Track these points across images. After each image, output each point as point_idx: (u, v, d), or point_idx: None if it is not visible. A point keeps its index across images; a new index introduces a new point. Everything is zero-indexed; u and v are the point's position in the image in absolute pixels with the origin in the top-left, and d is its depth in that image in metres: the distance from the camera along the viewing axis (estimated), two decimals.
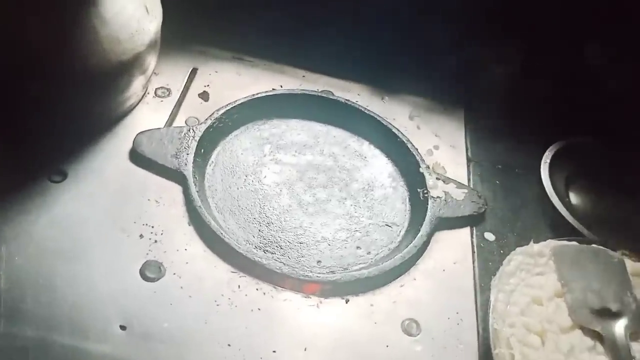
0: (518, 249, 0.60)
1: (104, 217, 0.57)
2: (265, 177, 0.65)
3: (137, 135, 0.63)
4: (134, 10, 0.60)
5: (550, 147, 0.73)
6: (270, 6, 0.80)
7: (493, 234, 0.65)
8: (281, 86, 0.75)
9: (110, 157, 0.62)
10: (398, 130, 0.72)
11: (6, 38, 0.52)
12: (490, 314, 0.55)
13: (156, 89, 0.70)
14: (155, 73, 0.71)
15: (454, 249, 0.62)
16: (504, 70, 0.81)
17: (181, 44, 0.75)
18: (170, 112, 0.68)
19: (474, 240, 0.64)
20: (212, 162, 0.66)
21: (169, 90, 0.70)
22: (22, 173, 0.58)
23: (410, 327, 0.55)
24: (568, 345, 0.53)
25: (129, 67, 0.60)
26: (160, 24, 0.64)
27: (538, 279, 0.58)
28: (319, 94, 0.75)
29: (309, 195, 0.65)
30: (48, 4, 0.53)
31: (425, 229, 0.62)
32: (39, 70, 0.53)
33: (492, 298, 0.56)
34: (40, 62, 0.53)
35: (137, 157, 0.62)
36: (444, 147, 0.73)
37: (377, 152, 0.72)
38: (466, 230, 0.65)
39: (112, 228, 0.56)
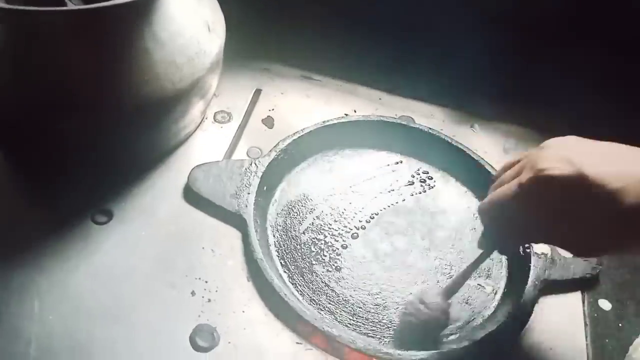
0: None
1: (152, 268, 0.49)
2: (335, 221, 0.56)
3: (192, 169, 0.55)
4: (195, 29, 0.52)
5: None
6: (343, 19, 0.71)
7: (609, 302, 0.54)
8: (355, 111, 0.66)
9: (161, 195, 0.54)
10: (490, 165, 0.61)
11: (50, 69, 0.45)
12: None
13: (215, 113, 0.62)
14: (215, 95, 0.63)
15: (562, 320, 0.51)
16: (614, 91, 0.69)
17: (244, 62, 0.67)
18: (231, 141, 0.60)
19: (586, 309, 0.53)
20: (275, 201, 0.57)
21: (229, 114, 0.63)
22: (63, 212, 0.51)
23: None
24: None
25: (186, 94, 0.52)
26: (223, 43, 0.56)
27: None
28: (398, 121, 0.65)
29: (386, 244, 0.55)
30: (95, 26, 0.45)
31: (528, 294, 0.51)
32: (82, 103, 0.46)
33: None
34: (84, 94, 0.46)
35: (192, 195, 0.54)
36: None
37: (465, 191, 0.61)
38: (576, 297, 0.53)
39: (161, 282, 0.48)
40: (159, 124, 0.52)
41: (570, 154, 0.38)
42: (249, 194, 0.54)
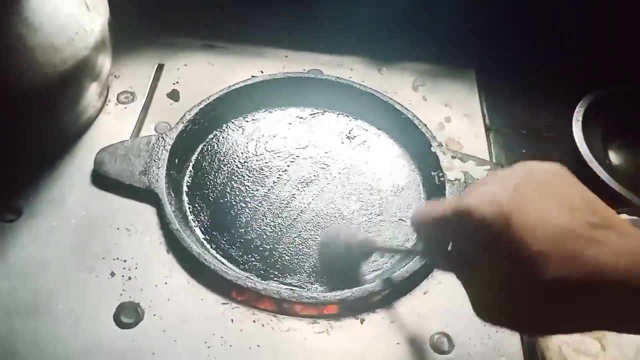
0: None
1: (68, 257, 0.48)
2: (253, 182, 0.56)
3: (97, 153, 0.54)
4: (71, 9, 0.51)
5: (581, 102, 0.63)
6: None
7: None
8: (262, 72, 0.65)
9: (69, 183, 0.53)
10: (401, 105, 0.62)
11: None
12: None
13: (118, 94, 0.61)
14: (115, 76, 0.62)
15: None
16: (517, 18, 0.70)
17: (141, 38, 0.66)
18: (136, 119, 0.59)
19: None
20: (190, 172, 0.57)
21: (133, 94, 0.61)
22: None
23: (441, 343, 0.46)
24: (634, 347, 0.44)
25: (74, 76, 0.51)
26: (106, 20, 0.54)
27: None
28: (306, 75, 0.65)
29: (306, 197, 0.56)
30: None
31: None
32: None
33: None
34: None
35: (100, 179, 0.53)
36: (457, 118, 0.63)
37: (380, 134, 0.62)
38: None
39: (78, 269, 0.48)
40: (53, 111, 0.51)
41: (500, 198, 0.32)
42: (159, 168, 0.54)
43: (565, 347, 0.43)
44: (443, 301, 0.49)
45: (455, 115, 0.63)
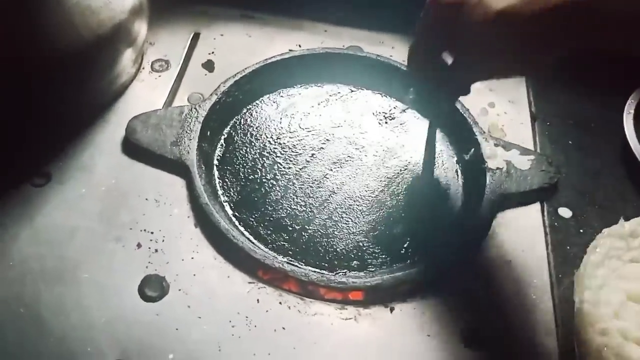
0: (605, 231, 0.48)
1: (95, 225, 0.48)
2: (285, 159, 0.55)
3: (129, 121, 0.53)
4: None
5: (634, 94, 0.59)
6: None
7: (569, 209, 0.53)
8: (299, 46, 0.63)
9: (99, 150, 0.52)
10: None
11: None
12: (575, 319, 0.43)
13: (152, 62, 0.60)
14: (150, 43, 0.61)
15: (521, 232, 0.51)
16: None
17: (178, 6, 0.64)
18: (170, 89, 0.58)
19: (546, 219, 0.52)
20: (222, 146, 0.56)
21: (167, 62, 0.60)
22: None
23: (473, 338, 0.44)
24: None
25: (109, 41, 0.49)
26: None
27: (633, 268, 0.46)
28: (345, 52, 0.62)
29: (340, 179, 0.54)
30: None
31: (484, 210, 0.50)
32: None
33: (576, 299, 0.44)
34: None
35: (131, 147, 0.52)
36: (502, 104, 0.60)
37: (419, 117, 0.60)
38: (536, 207, 0.52)
39: (105, 238, 0.47)
40: (87, 76, 0.50)
41: None
42: (190, 140, 0.52)
43: (606, 351, 0.41)
44: (478, 294, 0.47)
45: (500, 101, 0.60)
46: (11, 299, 0.43)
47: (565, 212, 0.53)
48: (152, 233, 0.48)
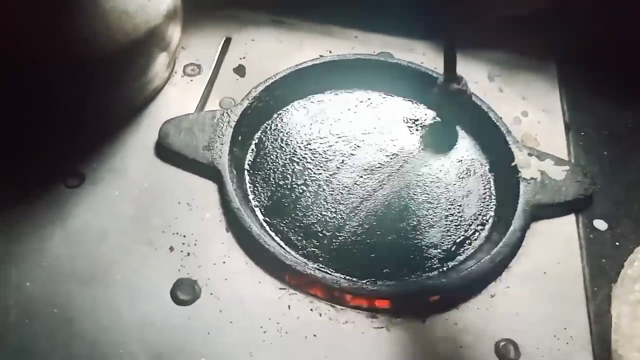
0: None
1: (128, 228, 0.48)
2: (316, 165, 0.55)
3: (162, 124, 0.53)
4: None
5: None
6: None
7: (605, 221, 0.52)
8: (330, 52, 0.63)
9: (133, 153, 0.52)
10: (476, 95, 0.58)
11: None
12: (613, 335, 0.42)
13: (184, 66, 0.60)
14: (182, 47, 0.61)
15: (556, 244, 0.50)
16: (604, 7, 0.65)
17: (210, 11, 0.64)
18: (202, 93, 0.58)
19: (581, 231, 0.51)
20: (252, 150, 0.56)
21: (199, 66, 0.60)
22: (33, 179, 0.50)
23: (507, 350, 0.44)
24: None
25: (144, 45, 0.50)
26: None
27: None
28: (376, 58, 0.62)
29: (372, 186, 0.53)
30: None
31: (517, 221, 0.49)
32: (32, 59, 0.44)
33: (613, 313, 0.43)
34: (32, 49, 0.44)
35: (163, 151, 0.52)
36: (535, 113, 0.59)
37: (451, 125, 0.59)
38: (570, 219, 0.51)
39: (137, 241, 0.47)
40: (120, 79, 0.50)
41: None
42: (222, 144, 0.52)
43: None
44: (511, 306, 0.46)
45: (533, 109, 0.59)
46: (44, 299, 0.44)
47: (600, 225, 0.51)
48: (184, 237, 0.48)
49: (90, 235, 0.47)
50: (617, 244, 0.50)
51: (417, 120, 0.59)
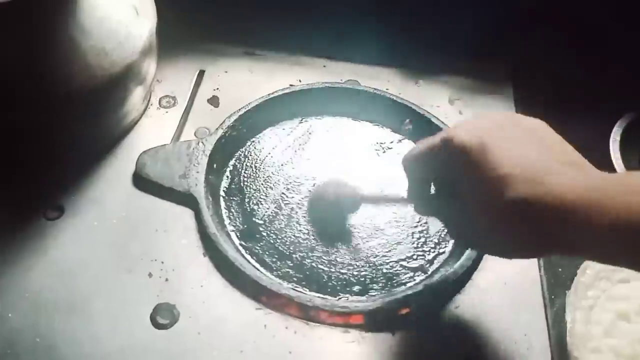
0: None
1: (107, 257, 0.50)
2: (288, 189, 0.57)
3: (139, 155, 0.56)
4: (121, 14, 0.52)
5: (619, 121, 0.62)
6: None
7: None
8: (300, 80, 0.66)
9: (111, 184, 0.54)
10: (437, 118, 0.62)
11: None
12: (568, 339, 0.45)
13: (160, 98, 0.63)
14: (157, 81, 0.64)
15: None
16: (556, 35, 0.69)
17: (184, 45, 0.67)
18: (177, 124, 0.60)
19: None
20: (227, 177, 0.58)
21: (174, 98, 0.63)
22: (14, 212, 0.51)
23: (472, 358, 0.46)
24: None
25: (121, 80, 0.52)
26: (154, 25, 0.56)
27: (622, 289, 0.48)
28: (344, 86, 0.65)
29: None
30: (16, 20, 0.45)
31: None
32: (13, 100, 0.46)
33: (568, 318, 0.46)
34: (13, 89, 0.46)
35: (141, 181, 0.54)
36: None
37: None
38: None
39: (117, 269, 0.49)
40: (99, 113, 0.53)
41: (482, 130, 0.38)
42: (198, 172, 0.55)
43: None
44: (475, 316, 0.49)
45: None
46: (27, 329, 0.45)
47: None
48: (162, 263, 0.50)
49: (70, 265, 0.49)
50: None
51: (384, 143, 0.62)
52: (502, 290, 0.50)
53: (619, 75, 0.66)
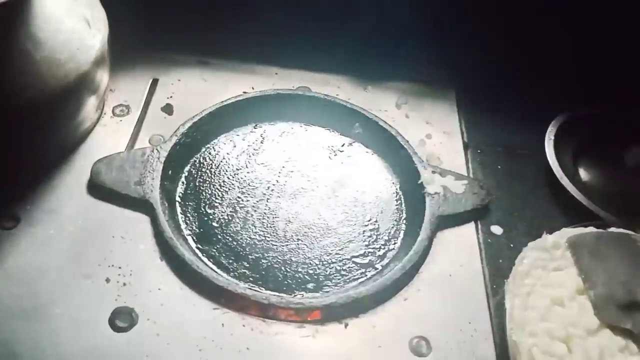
0: (530, 244, 0.54)
1: (65, 264, 0.50)
2: (243, 193, 0.59)
3: (94, 163, 0.56)
4: (73, 25, 0.53)
5: (553, 122, 0.67)
6: (230, 0, 0.73)
7: (500, 227, 0.59)
8: (253, 88, 0.68)
9: (66, 193, 0.55)
10: (385, 122, 0.65)
11: None
12: (507, 324, 0.49)
13: (113, 107, 0.63)
14: (111, 90, 0.65)
15: (459, 249, 0.56)
16: (495, 43, 0.74)
17: (137, 54, 0.68)
18: (131, 132, 0.62)
19: (480, 236, 0.58)
20: (183, 183, 0.60)
21: (127, 107, 0.64)
22: None
23: (420, 347, 0.49)
24: (597, 349, 0.47)
25: (75, 89, 0.53)
26: (106, 36, 0.57)
27: (556, 276, 0.52)
28: (295, 92, 0.68)
29: (294, 208, 0.58)
30: None
31: (424, 231, 0.56)
32: None
33: (507, 305, 0.50)
34: None
35: (96, 189, 0.55)
36: (438, 135, 0.66)
37: (364, 149, 0.65)
38: (470, 226, 0.58)
39: (75, 275, 0.50)
40: (53, 123, 0.53)
41: None
42: (153, 179, 0.56)
43: (534, 350, 0.46)
44: (422, 307, 0.52)
45: (436, 132, 0.66)
46: None
47: (497, 230, 0.59)
48: (120, 268, 0.51)
49: (29, 273, 0.49)
50: (511, 245, 0.57)
51: (335, 146, 0.65)
52: (447, 282, 0.54)
53: (553, 80, 0.71)
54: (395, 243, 0.57)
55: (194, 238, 0.55)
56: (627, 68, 0.70)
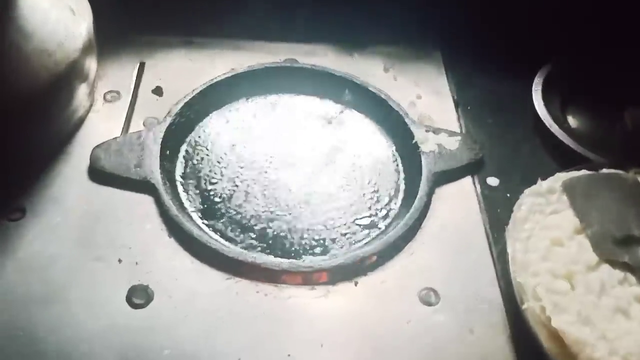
0: (526, 191, 0.55)
1: (75, 250, 0.51)
2: (241, 166, 0.60)
3: (92, 150, 0.57)
4: (59, 15, 0.54)
5: (539, 73, 0.68)
6: None
7: (496, 178, 0.60)
8: (240, 64, 0.68)
9: (68, 181, 0.56)
10: (374, 87, 0.66)
11: None
12: (511, 267, 0.50)
13: (104, 93, 0.64)
14: (99, 77, 0.65)
15: (458, 203, 0.58)
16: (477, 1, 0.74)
17: (121, 39, 0.68)
18: (125, 116, 0.62)
19: (477, 189, 0.59)
20: (181, 162, 0.60)
21: (118, 92, 0.64)
22: None
23: (429, 297, 0.51)
24: (598, 283, 0.49)
25: (66, 78, 0.53)
26: (91, 23, 0.57)
27: (554, 219, 0.53)
28: (283, 65, 0.68)
29: (294, 177, 0.59)
30: None
31: (423, 188, 0.57)
32: None
33: (509, 250, 0.51)
34: None
35: (97, 174, 0.56)
36: (427, 95, 0.67)
37: (357, 114, 0.66)
38: (467, 180, 0.60)
39: (86, 259, 0.51)
40: (48, 113, 0.54)
41: None
42: (152, 160, 0.57)
43: (539, 288, 0.48)
44: (427, 261, 0.53)
45: (425, 93, 0.68)
46: (6, 325, 0.46)
47: (493, 181, 0.60)
48: (130, 248, 0.52)
49: (41, 261, 0.50)
50: (508, 195, 0.59)
51: (327, 114, 0.66)
52: (450, 235, 0.55)
53: (535, 32, 0.72)
54: (395, 203, 0.58)
55: (199, 214, 0.56)
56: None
